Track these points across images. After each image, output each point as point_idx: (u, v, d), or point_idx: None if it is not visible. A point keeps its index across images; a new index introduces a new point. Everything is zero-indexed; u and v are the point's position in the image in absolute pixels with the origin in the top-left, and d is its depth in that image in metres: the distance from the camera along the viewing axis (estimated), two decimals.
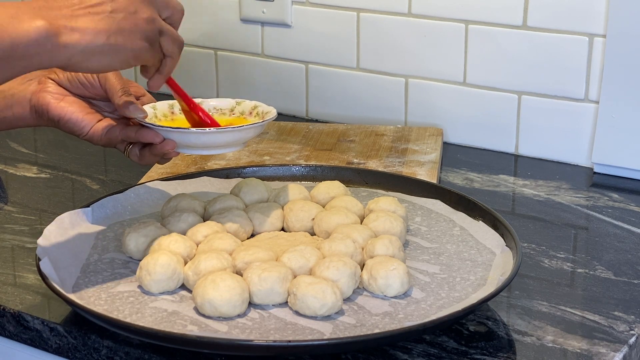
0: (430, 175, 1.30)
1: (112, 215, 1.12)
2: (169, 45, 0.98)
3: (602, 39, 1.35)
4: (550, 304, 1.00)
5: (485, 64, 1.45)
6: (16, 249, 1.12)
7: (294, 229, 1.10)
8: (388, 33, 1.52)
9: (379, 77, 1.55)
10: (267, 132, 1.48)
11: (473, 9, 1.44)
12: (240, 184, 1.17)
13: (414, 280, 1.00)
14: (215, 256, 0.97)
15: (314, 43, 1.59)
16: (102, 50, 0.91)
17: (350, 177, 1.24)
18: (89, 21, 0.90)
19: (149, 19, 0.94)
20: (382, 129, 1.49)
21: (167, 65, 0.99)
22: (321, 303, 0.91)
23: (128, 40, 0.93)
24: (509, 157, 1.45)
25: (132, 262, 1.03)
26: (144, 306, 0.94)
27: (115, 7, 0.92)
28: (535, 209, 1.25)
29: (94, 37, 0.90)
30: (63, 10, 0.90)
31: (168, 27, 0.97)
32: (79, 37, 0.90)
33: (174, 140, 1.03)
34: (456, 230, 1.11)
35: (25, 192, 1.30)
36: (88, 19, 0.90)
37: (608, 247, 1.14)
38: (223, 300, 0.91)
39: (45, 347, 0.97)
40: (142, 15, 0.93)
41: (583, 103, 1.39)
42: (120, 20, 0.92)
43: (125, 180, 1.33)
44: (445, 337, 0.93)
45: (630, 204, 1.26)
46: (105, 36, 0.91)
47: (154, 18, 0.95)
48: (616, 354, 0.91)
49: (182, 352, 0.89)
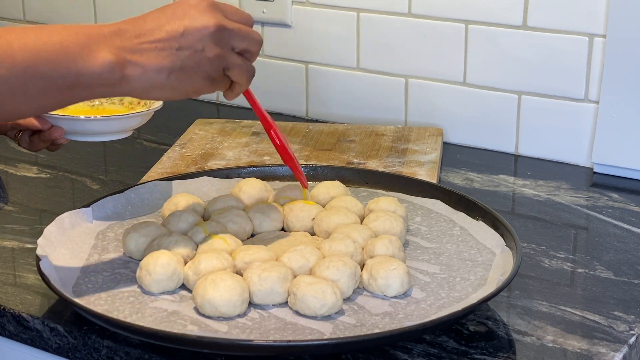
0: (430, 175, 1.30)
1: (112, 215, 1.12)
2: (237, 76, 0.97)
3: (602, 39, 1.35)
4: (550, 304, 1.00)
5: (485, 64, 1.45)
6: (16, 249, 1.12)
7: (294, 229, 1.10)
8: (388, 33, 1.52)
9: (379, 77, 1.55)
10: None
11: (473, 9, 1.44)
12: (240, 184, 1.17)
13: (414, 280, 1.00)
14: (215, 256, 0.97)
15: (314, 43, 1.59)
16: (162, 87, 0.92)
17: (350, 177, 1.24)
18: (154, 57, 0.91)
19: (214, 58, 0.93)
20: (382, 129, 1.49)
21: (236, 89, 0.99)
22: (321, 303, 0.91)
23: (189, 78, 0.93)
24: (509, 157, 1.45)
25: (132, 262, 1.03)
26: (144, 306, 0.94)
27: (183, 44, 0.92)
28: (535, 209, 1.25)
29: (155, 74, 0.91)
30: (132, 40, 0.90)
31: (236, 61, 0.96)
32: (141, 72, 0.90)
33: (62, 127, 1.05)
34: (456, 230, 1.11)
35: (25, 192, 1.30)
36: (153, 54, 0.91)
37: (608, 247, 1.14)
38: (223, 300, 0.91)
39: (45, 347, 0.97)
40: (208, 54, 0.93)
41: (583, 103, 1.39)
42: (185, 59, 0.92)
43: (125, 180, 1.33)
44: (445, 337, 0.93)
45: (630, 204, 1.26)
46: (166, 74, 0.91)
47: (221, 55, 0.94)
48: (616, 354, 0.91)
49: (182, 352, 0.89)
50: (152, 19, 0.93)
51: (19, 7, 1.89)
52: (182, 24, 0.92)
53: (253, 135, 1.47)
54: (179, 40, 0.92)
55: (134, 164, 1.21)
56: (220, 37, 0.93)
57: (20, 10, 1.89)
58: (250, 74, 0.99)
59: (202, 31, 0.92)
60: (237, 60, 0.96)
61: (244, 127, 1.51)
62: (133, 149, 1.45)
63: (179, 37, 0.92)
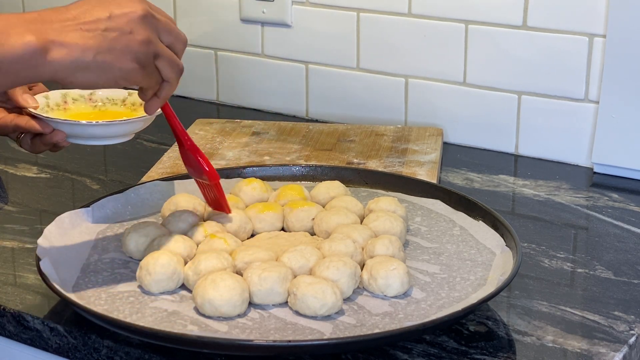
0: (430, 175, 1.30)
1: (112, 215, 1.12)
2: (166, 69, 0.95)
3: (602, 39, 1.35)
4: (550, 304, 1.00)
5: (485, 64, 1.45)
6: (16, 249, 1.12)
7: (294, 229, 1.10)
8: (388, 33, 1.52)
9: (379, 77, 1.55)
10: (268, 132, 1.48)
11: (473, 9, 1.44)
12: (240, 184, 1.17)
13: (414, 280, 1.00)
14: (215, 256, 0.97)
15: (314, 43, 1.59)
16: (88, 67, 0.89)
17: (350, 177, 1.24)
18: (79, 37, 0.89)
19: (145, 41, 0.91)
20: (382, 129, 1.49)
21: (164, 89, 0.97)
22: (321, 303, 0.91)
23: (117, 59, 0.90)
24: (509, 157, 1.45)
25: (132, 262, 1.03)
26: (144, 306, 0.94)
27: (110, 25, 0.90)
28: (535, 209, 1.25)
29: (81, 53, 0.88)
30: (55, 24, 0.88)
31: (166, 51, 0.94)
32: (65, 53, 0.88)
33: (64, 131, 1.05)
34: (456, 230, 1.11)
35: (25, 192, 1.30)
36: (78, 34, 0.89)
37: (608, 247, 1.14)
38: (223, 300, 0.91)
39: (45, 347, 0.97)
40: (137, 36, 0.91)
41: (583, 103, 1.39)
42: (112, 39, 0.90)
43: (125, 180, 1.33)
44: (445, 337, 0.93)
45: (630, 204, 1.26)
46: (93, 53, 0.89)
47: (151, 40, 0.92)
48: (616, 354, 0.91)
49: (182, 352, 0.89)
50: (75, 7, 0.91)
51: (19, 7, 1.89)
52: (109, 9, 0.91)
53: (253, 135, 1.47)
54: (105, 23, 0.90)
55: (134, 164, 1.21)
56: (149, 23, 0.92)
57: (20, 11, 1.89)
58: (179, 70, 0.96)
59: (130, 15, 0.91)
60: (167, 50, 0.94)
61: (244, 127, 1.51)
62: (133, 149, 1.45)
63: (105, 19, 0.90)
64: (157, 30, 0.94)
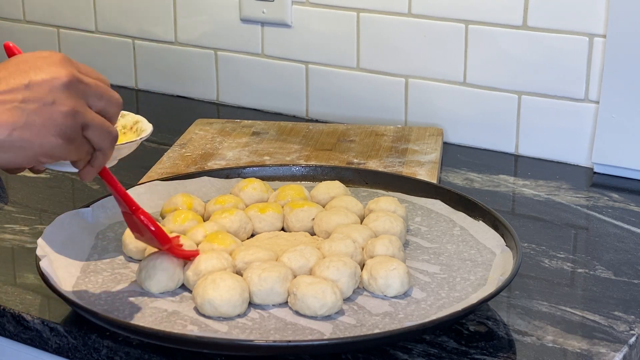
0: (430, 175, 1.30)
1: (112, 215, 1.12)
2: (97, 139, 0.83)
3: (602, 39, 1.35)
4: (550, 304, 1.00)
5: (485, 64, 1.45)
6: (16, 249, 1.12)
7: (294, 229, 1.10)
8: (388, 33, 1.52)
9: (379, 77, 1.55)
10: (268, 132, 1.48)
11: (473, 9, 1.44)
12: (240, 184, 1.17)
13: (414, 280, 1.00)
14: (215, 256, 0.97)
15: (314, 43, 1.59)
16: (2, 146, 0.78)
17: (350, 177, 1.24)
18: None
19: (69, 113, 0.80)
20: (382, 129, 1.49)
21: (97, 158, 0.86)
22: (321, 303, 0.91)
23: (37, 136, 0.79)
24: (509, 157, 1.45)
25: (132, 262, 1.03)
26: (144, 306, 0.94)
27: (28, 96, 0.79)
28: (535, 209, 1.25)
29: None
30: None
31: (96, 119, 0.83)
32: None
33: None
34: (456, 230, 1.11)
35: (25, 192, 1.30)
36: None
37: (608, 247, 1.14)
38: (223, 300, 0.91)
39: (45, 347, 0.97)
40: (60, 107, 0.79)
41: (583, 103, 1.39)
42: (31, 112, 0.78)
43: (125, 180, 1.33)
44: (445, 337, 0.93)
45: (630, 204, 1.26)
46: (7, 130, 0.78)
47: (76, 111, 0.80)
48: (616, 354, 0.91)
49: (182, 352, 0.89)
50: None
51: (19, 7, 1.89)
52: (27, 76, 0.79)
53: (253, 135, 1.47)
54: (23, 92, 0.78)
55: (133, 164, 1.20)
56: (75, 90, 0.81)
57: (20, 11, 1.89)
58: (113, 137, 0.85)
59: (52, 82, 0.80)
60: (97, 118, 0.83)
61: (244, 127, 1.51)
62: None
63: (23, 88, 0.79)
64: (86, 97, 0.82)
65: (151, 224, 0.94)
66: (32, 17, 1.89)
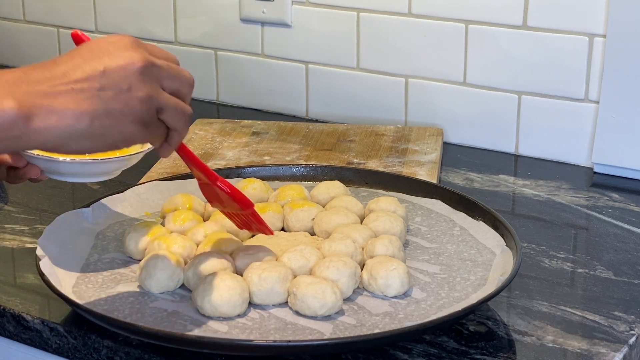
0: (430, 175, 1.30)
1: (112, 215, 1.12)
2: (173, 121, 0.84)
3: (602, 39, 1.35)
4: (550, 304, 1.00)
5: (485, 64, 1.45)
6: (16, 249, 1.12)
7: (294, 229, 1.10)
8: (388, 33, 1.52)
9: (379, 77, 1.55)
10: (268, 132, 1.48)
11: (473, 9, 1.44)
12: (240, 184, 1.17)
13: (414, 280, 1.00)
14: (215, 256, 0.97)
15: (314, 43, 1.59)
16: (83, 135, 0.78)
17: (350, 177, 1.24)
18: (71, 100, 0.77)
19: (145, 98, 0.80)
20: (382, 129, 1.49)
21: (173, 138, 0.86)
22: (321, 303, 0.91)
23: (116, 124, 0.79)
24: (509, 157, 1.45)
25: (132, 262, 1.03)
26: (144, 306, 0.94)
27: (105, 83, 0.78)
28: (535, 209, 1.25)
29: (74, 120, 0.77)
30: (42, 85, 0.77)
31: (171, 101, 0.83)
32: (55, 121, 0.77)
33: (39, 167, 0.95)
34: (456, 230, 1.11)
35: (25, 192, 1.30)
36: (69, 97, 0.77)
37: (608, 247, 1.14)
38: (223, 300, 0.91)
39: (45, 347, 0.97)
40: (136, 93, 0.79)
41: (583, 103, 1.39)
42: (109, 100, 0.78)
43: (125, 180, 1.33)
44: (445, 337, 0.93)
45: (630, 204, 1.26)
46: (88, 120, 0.78)
47: (151, 96, 0.81)
48: (616, 354, 0.91)
49: (182, 352, 0.89)
50: (64, 60, 0.79)
51: (19, 7, 1.89)
52: (102, 62, 0.79)
53: (253, 135, 1.47)
54: (99, 80, 0.78)
55: (134, 164, 1.20)
56: (149, 74, 0.80)
57: (20, 11, 1.89)
58: (188, 117, 0.85)
59: (127, 68, 0.79)
60: (171, 100, 0.83)
61: (244, 127, 1.51)
62: None
63: (99, 75, 0.78)
64: (160, 80, 0.82)
65: (232, 190, 0.97)
66: (32, 17, 1.89)
